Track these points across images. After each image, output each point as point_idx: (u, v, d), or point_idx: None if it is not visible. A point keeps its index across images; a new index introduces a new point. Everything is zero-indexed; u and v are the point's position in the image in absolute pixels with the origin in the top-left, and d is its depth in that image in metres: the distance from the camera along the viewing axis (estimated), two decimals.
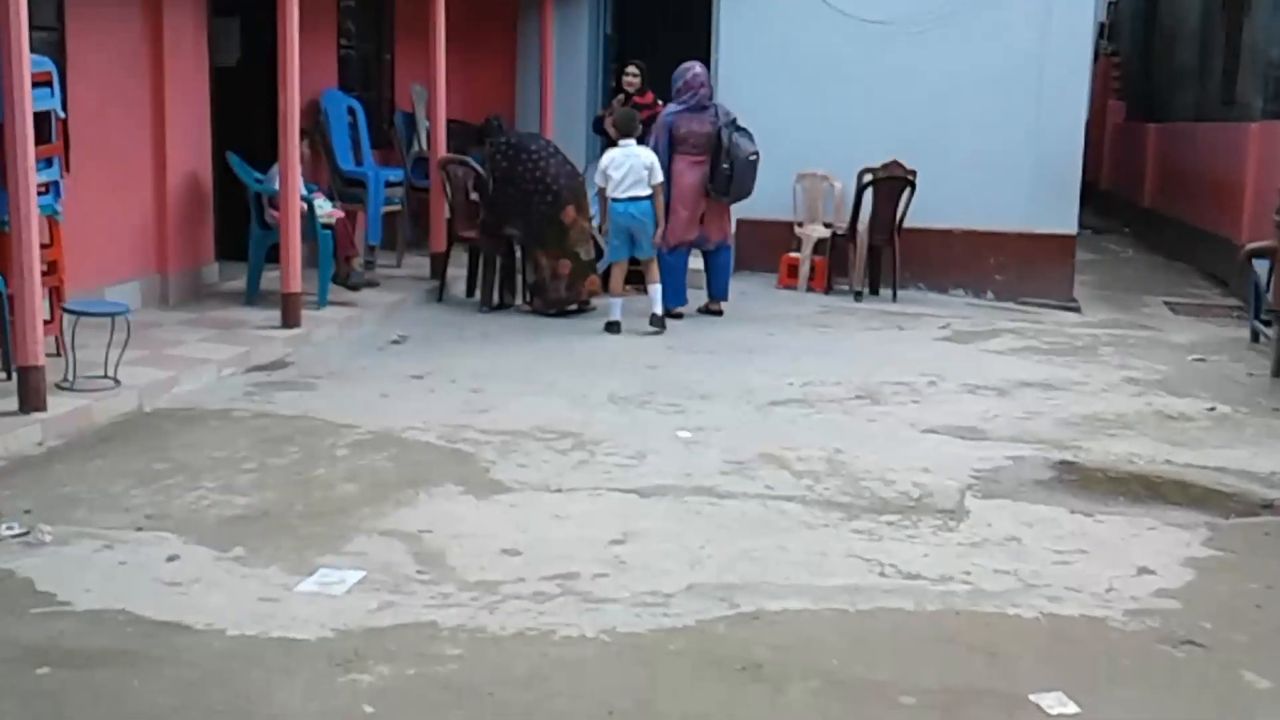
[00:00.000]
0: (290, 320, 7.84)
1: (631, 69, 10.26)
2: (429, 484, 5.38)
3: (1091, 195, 15.46)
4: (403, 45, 11.15)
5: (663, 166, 8.98)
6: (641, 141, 9.07)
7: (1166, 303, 11.74)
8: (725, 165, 9.10)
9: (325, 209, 8.63)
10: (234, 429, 6.10)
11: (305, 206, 8.39)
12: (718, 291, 9.56)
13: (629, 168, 8.81)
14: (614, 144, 9.12)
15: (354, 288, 8.70)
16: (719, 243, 9.51)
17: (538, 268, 9.45)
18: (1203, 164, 14.06)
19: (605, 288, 9.07)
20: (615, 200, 8.84)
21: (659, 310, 9.02)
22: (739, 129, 9.23)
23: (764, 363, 7.99)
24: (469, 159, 9.85)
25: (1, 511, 4.76)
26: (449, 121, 11.38)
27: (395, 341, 8.18)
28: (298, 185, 7.79)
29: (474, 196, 9.90)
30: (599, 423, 6.45)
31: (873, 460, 5.92)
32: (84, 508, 4.90)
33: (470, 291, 9.70)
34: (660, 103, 10.20)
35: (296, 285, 7.83)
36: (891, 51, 11.14)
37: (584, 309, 9.57)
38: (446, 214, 9.72)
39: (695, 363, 7.96)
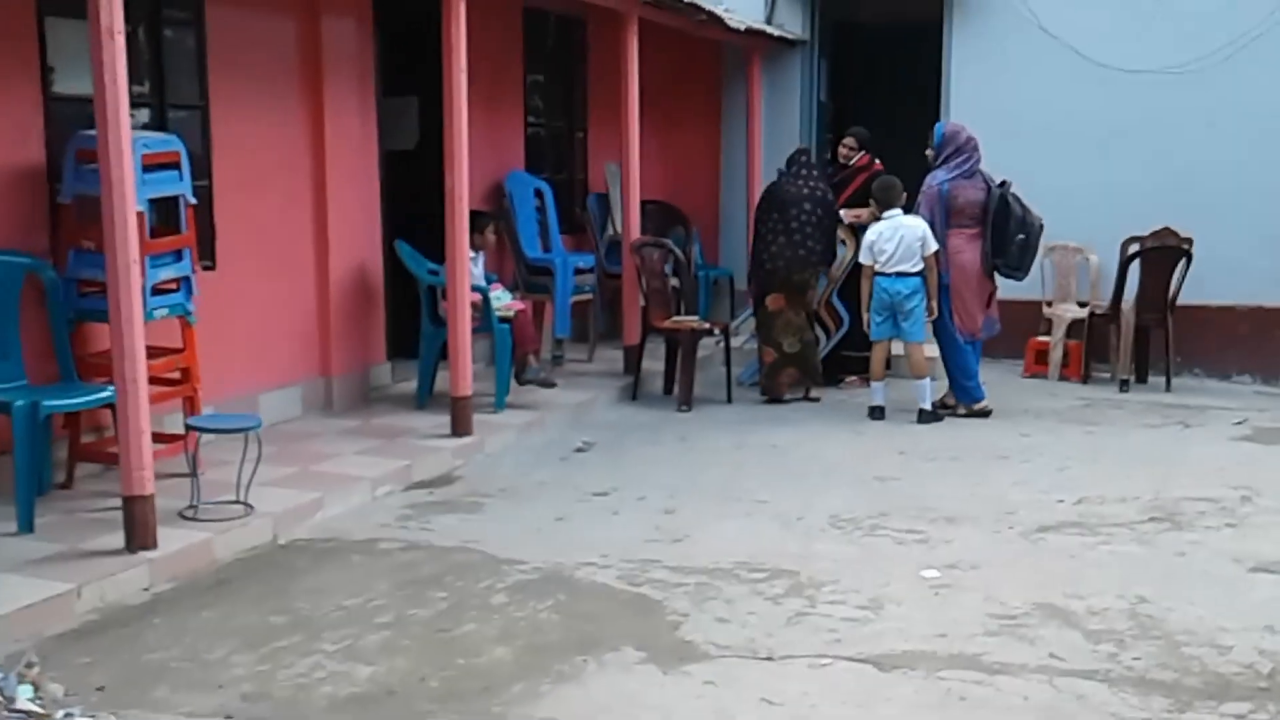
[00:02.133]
0: (460, 428, 6.85)
1: (848, 140, 9.04)
2: (601, 647, 4.18)
3: None
4: (596, 121, 10.26)
5: (941, 241, 7.80)
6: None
7: None
8: (1022, 236, 7.80)
9: (503, 300, 7.67)
10: (376, 566, 5.07)
11: (480, 298, 7.47)
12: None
13: (899, 240, 7.70)
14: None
15: (529, 384, 7.68)
16: (998, 325, 8.18)
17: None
18: None
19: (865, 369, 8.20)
20: (880, 275, 7.75)
21: (928, 404, 7.72)
22: (1014, 194, 7.89)
23: (1022, 472, 6.52)
24: (665, 240, 8.79)
25: (71, 688, 3.80)
26: (646, 201, 10.43)
27: (579, 449, 7.08)
28: (466, 275, 6.84)
29: (673, 282, 8.85)
30: (820, 556, 5.15)
31: (1193, 615, 4.41)
32: (169, 682, 3.90)
33: (668, 388, 8.57)
34: (877, 162, 8.93)
35: (467, 388, 6.86)
36: (1154, 103, 9.59)
37: (809, 400, 8.35)
38: (641, 302, 8.65)
39: (936, 472, 6.56)
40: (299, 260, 7.24)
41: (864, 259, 7.85)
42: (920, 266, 7.69)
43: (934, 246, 7.67)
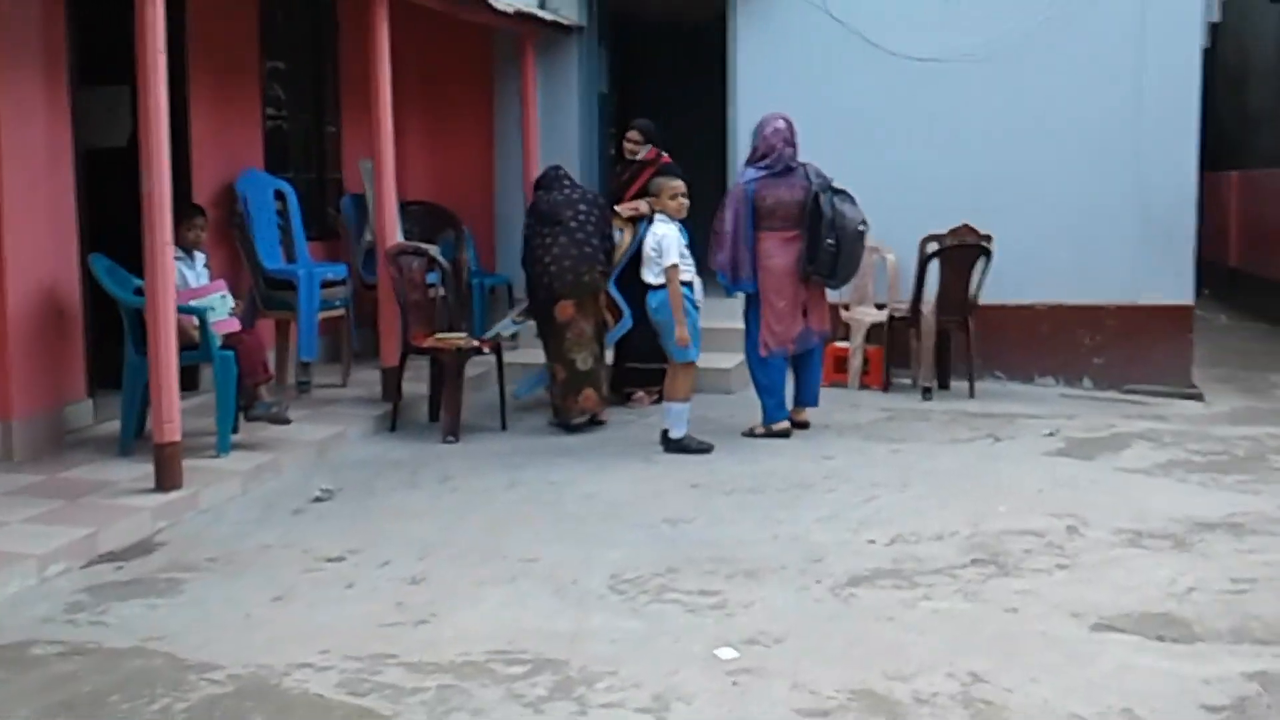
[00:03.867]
0: (167, 481, 5.65)
1: (633, 133, 8.16)
2: None
3: None
4: (351, 114, 9.11)
5: (747, 246, 7.00)
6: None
7: None
8: (830, 240, 7.00)
9: (219, 308, 6.44)
10: (20, 683, 3.88)
11: (196, 321, 6.27)
12: (808, 397, 7.42)
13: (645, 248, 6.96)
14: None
15: (258, 420, 6.52)
16: (820, 336, 7.41)
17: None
18: None
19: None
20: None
21: (674, 433, 6.85)
22: (837, 192, 7.11)
23: (828, 504, 5.76)
24: (425, 246, 7.73)
25: None
26: (410, 203, 9.37)
27: (318, 498, 5.97)
28: (169, 293, 5.63)
29: (436, 294, 7.80)
30: (596, 635, 4.22)
31: (1038, 696, 3.66)
32: None
33: (434, 415, 7.53)
34: (665, 155, 8.10)
35: (174, 430, 5.65)
36: (950, 95, 9.07)
37: (596, 424, 7.45)
38: (400, 318, 7.56)
39: (733, 509, 5.73)
40: None
41: (673, 256, 6.77)
42: (662, 279, 6.81)
43: (671, 258, 6.74)
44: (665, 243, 6.76)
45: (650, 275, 6.85)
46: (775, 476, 6.27)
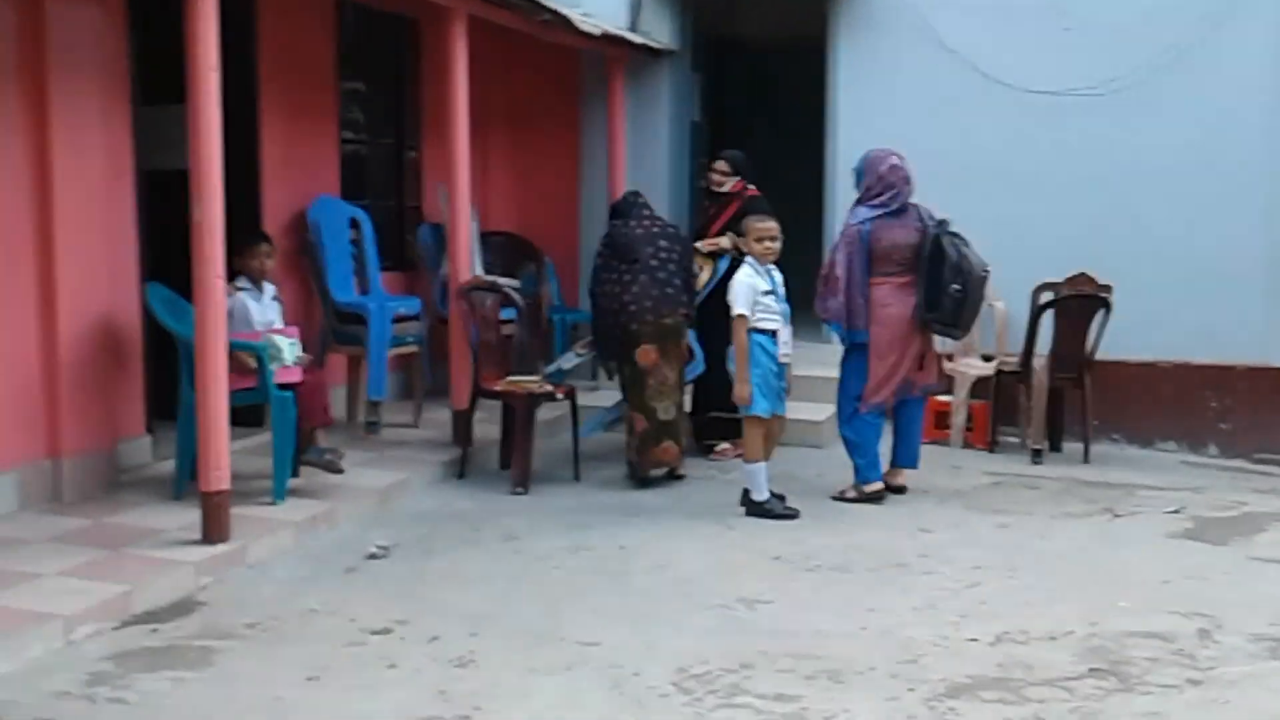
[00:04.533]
0: (214, 532, 5.30)
1: (720, 164, 7.67)
2: None
3: None
4: (432, 140, 8.77)
5: (861, 293, 6.48)
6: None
7: None
8: (957, 286, 6.44)
9: (288, 354, 6.12)
10: None
11: (256, 360, 5.93)
12: (907, 458, 6.85)
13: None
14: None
15: (311, 466, 6.17)
16: (925, 390, 6.88)
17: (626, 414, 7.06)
18: None
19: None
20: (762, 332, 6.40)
21: (756, 495, 6.35)
22: (952, 234, 6.58)
23: (924, 589, 5.19)
24: (500, 281, 7.33)
25: None
26: (492, 233, 9.03)
27: (373, 555, 5.58)
28: (220, 328, 5.29)
29: (509, 332, 7.40)
30: None
31: None
32: None
33: (505, 463, 7.11)
34: (752, 188, 7.60)
35: (223, 478, 5.31)
36: (1068, 133, 8.46)
37: (674, 478, 6.98)
38: (472, 358, 7.16)
39: (816, 590, 5.20)
40: (8, 312, 5.62)
41: (741, 306, 6.32)
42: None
43: (739, 308, 6.22)
44: (736, 290, 6.28)
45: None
46: (865, 552, 5.72)
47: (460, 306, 7.09)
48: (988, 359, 8.42)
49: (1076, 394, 7.94)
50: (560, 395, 6.95)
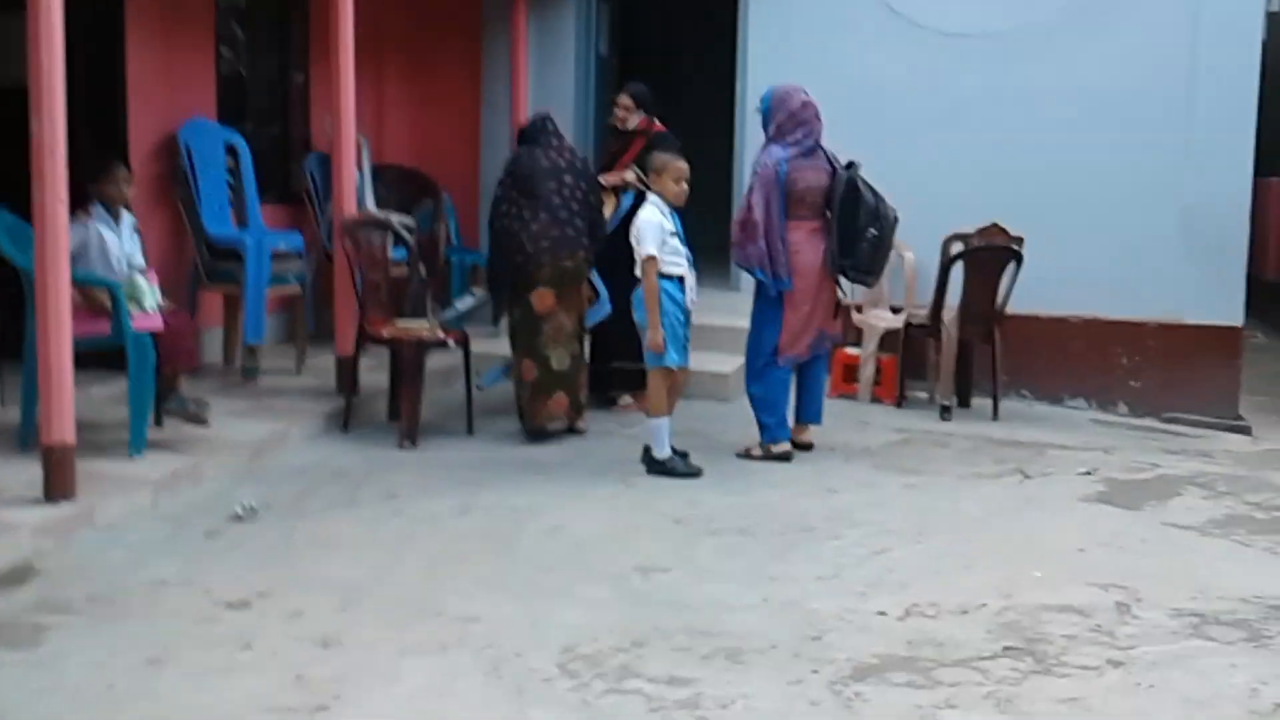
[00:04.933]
0: (57, 490, 4.79)
1: (624, 98, 7.22)
2: None
3: None
4: (323, 64, 8.16)
5: (781, 238, 6.10)
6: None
7: None
8: (874, 231, 6.17)
9: (148, 299, 5.59)
10: None
11: (110, 298, 5.39)
12: (813, 413, 6.55)
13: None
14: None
15: (172, 416, 5.68)
16: (834, 341, 6.61)
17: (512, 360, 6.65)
18: None
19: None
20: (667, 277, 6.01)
21: (657, 453, 6.00)
22: (862, 178, 6.26)
23: (830, 556, 4.89)
24: (388, 217, 6.84)
25: None
26: (386, 166, 8.50)
27: (239, 516, 5.12)
28: (61, 260, 4.73)
29: (399, 273, 6.93)
30: None
31: None
32: None
33: (394, 413, 6.67)
34: (658, 123, 7.17)
35: (67, 430, 4.79)
36: (981, 77, 8.19)
37: (573, 432, 6.60)
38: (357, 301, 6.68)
39: (718, 557, 4.88)
40: None
41: (650, 246, 5.92)
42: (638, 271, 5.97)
43: (648, 249, 5.83)
44: (643, 230, 5.88)
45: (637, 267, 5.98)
46: (770, 514, 5.41)
47: (345, 244, 6.59)
48: (896, 311, 8.17)
49: (986, 349, 7.72)
50: (453, 342, 6.51)
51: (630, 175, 6.88)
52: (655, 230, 5.86)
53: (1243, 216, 7.82)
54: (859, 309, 8.16)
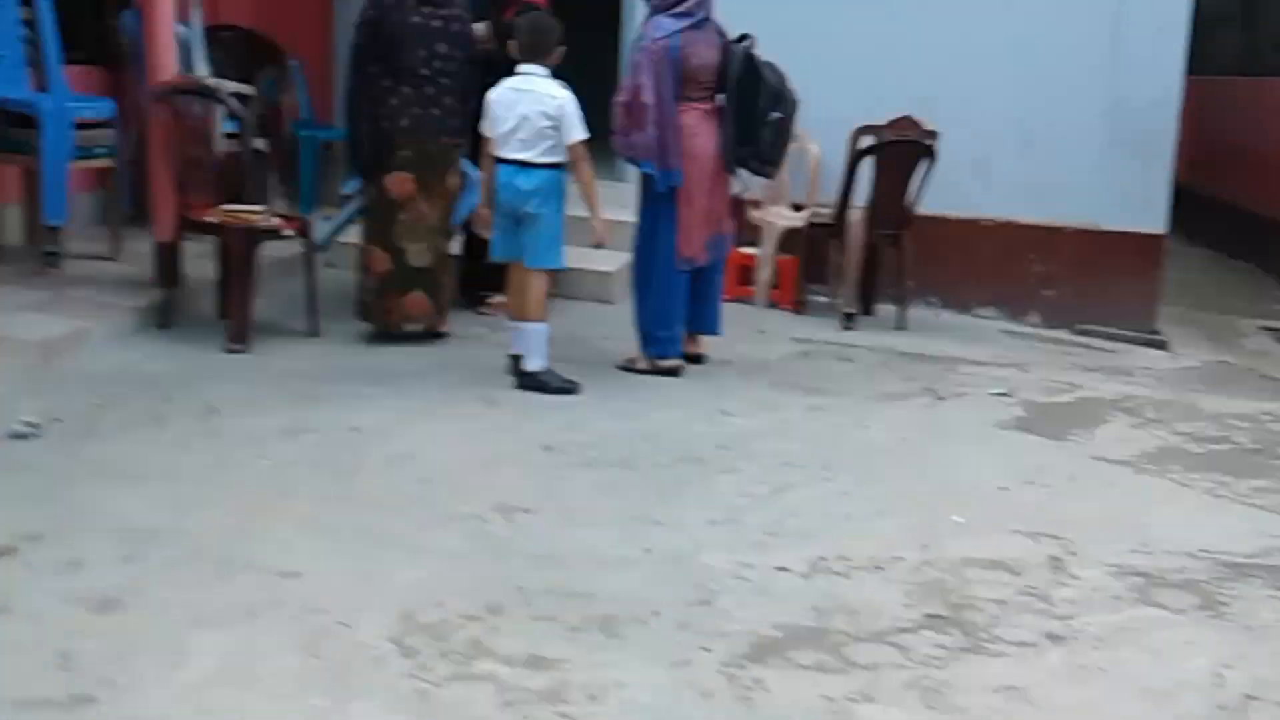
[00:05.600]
0: None
1: None
2: None
3: None
4: None
5: (673, 123, 5.32)
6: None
7: (1265, 328, 8.28)
8: (778, 114, 5.40)
9: None
10: None
11: None
12: (708, 322, 5.81)
13: (522, 114, 5.10)
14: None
15: None
16: (730, 242, 5.87)
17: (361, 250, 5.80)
18: (1267, 132, 10.49)
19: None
20: (499, 161, 5.17)
21: (530, 364, 5.24)
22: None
23: (724, 495, 4.21)
24: (211, 84, 5.84)
25: None
26: (220, 27, 7.43)
27: (17, 434, 4.23)
28: None
29: (224, 148, 5.96)
30: None
31: None
32: None
33: (225, 311, 5.75)
34: None
35: None
36: None
37: (435, 335, 5.80)
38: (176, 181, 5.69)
39: (593, 494, 4.16)
40: None
41: (483, 129, 5.24)
42: (552, 157, 5.16)
43: (579, 133, 5.13)
44: (571, 110, 5.10)
45: (528, 149, 5.13)
46: (655, 441, 4.70)
47: (160, 113, 5.58)
48: (798, 209, 7.46)
49: (893, 253, 7.09)
50: (289, 231, 5.59)
51: (483, 29, 5.93)
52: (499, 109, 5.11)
53: (1171, 116, 7.23)
54: (756, 205, 7.43)
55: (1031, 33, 7.30)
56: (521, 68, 5.20)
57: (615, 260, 6.77)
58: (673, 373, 5.59)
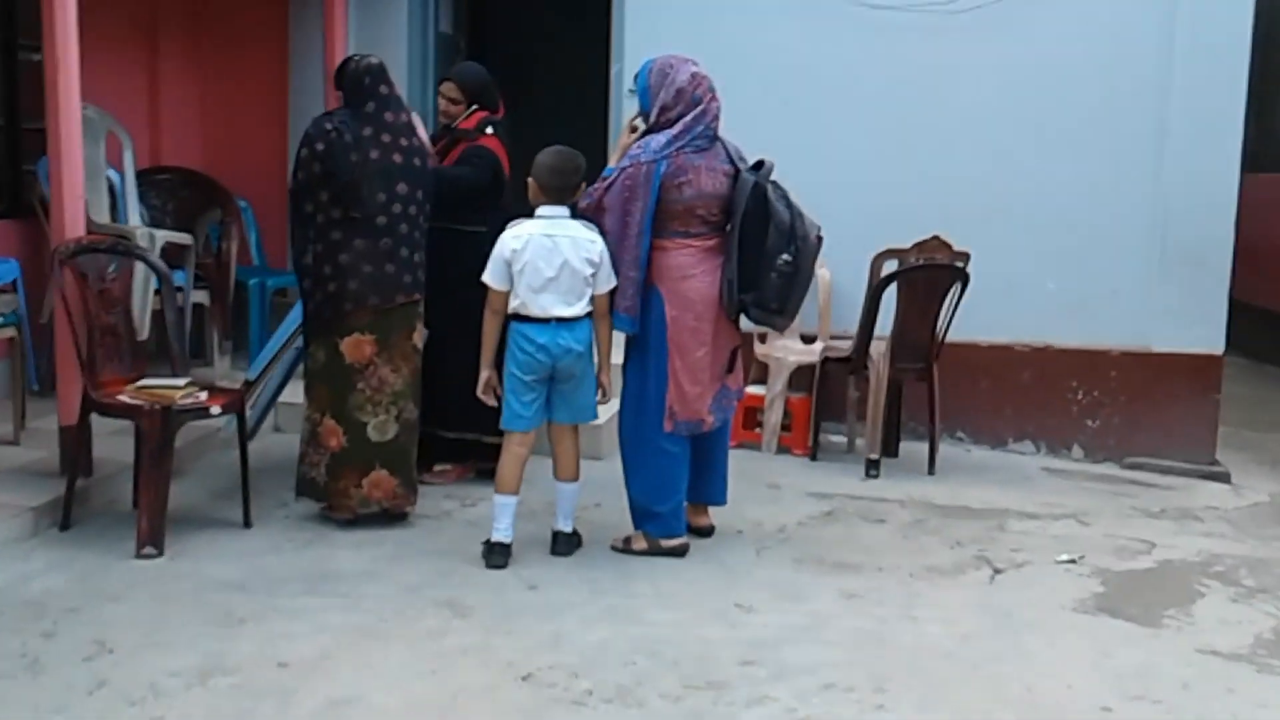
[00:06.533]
0: None
1: (448, 86, 5.48)
2: None
3: None
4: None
5: (638, 262, 4.53)
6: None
7: None
8: (787, 258, 4.53)
9: None
10: None
11: None
12: (714, 491, 4.93)
13: (563, 261, 4.38)
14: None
15: None
16: (739, 397, 4.96)
17: (304, 416, 4.91)
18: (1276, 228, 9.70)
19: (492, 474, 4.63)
20: (527, 320, 4.40)
21: (567, 526, 4.56)
22: (775, 183, 4.63)
23: None
24: (128, 241, 5.04)
25: None
26: (160, 170, 6.75)
27: None
28: None
29: (141, 315, 5.14)
30: None
31: None
32: None
33: (138, 499, 4.85)
34: (490, 130, 5.48)
35: None
36: (917, 60, 6.66)
37: (394, 517, 4.91)
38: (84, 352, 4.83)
39: None
40: None
41: (494, 281, 4.44)
42: (588, 308, 4.46)
43: (613, 281, 4.46)
44: (609, 255, 4.47)
45: (571, 303, 4.42)
46: (662, 657, 3.77)
47: (64, 276, 4.74)
48: (808, 340, 6.64)
49: (920, 386, 6.25)
50: (216, 409, 4.71)
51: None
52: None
53: (1227, 222, 6.43)
54: (762, 339, 6.60)
55: (1068, 136, 6.56)
56: (545, 210, 4.47)
57: (604, 409, 5.90)
58: (677, 553, 4.68)
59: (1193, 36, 6.33)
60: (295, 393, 5.25)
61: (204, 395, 4.68)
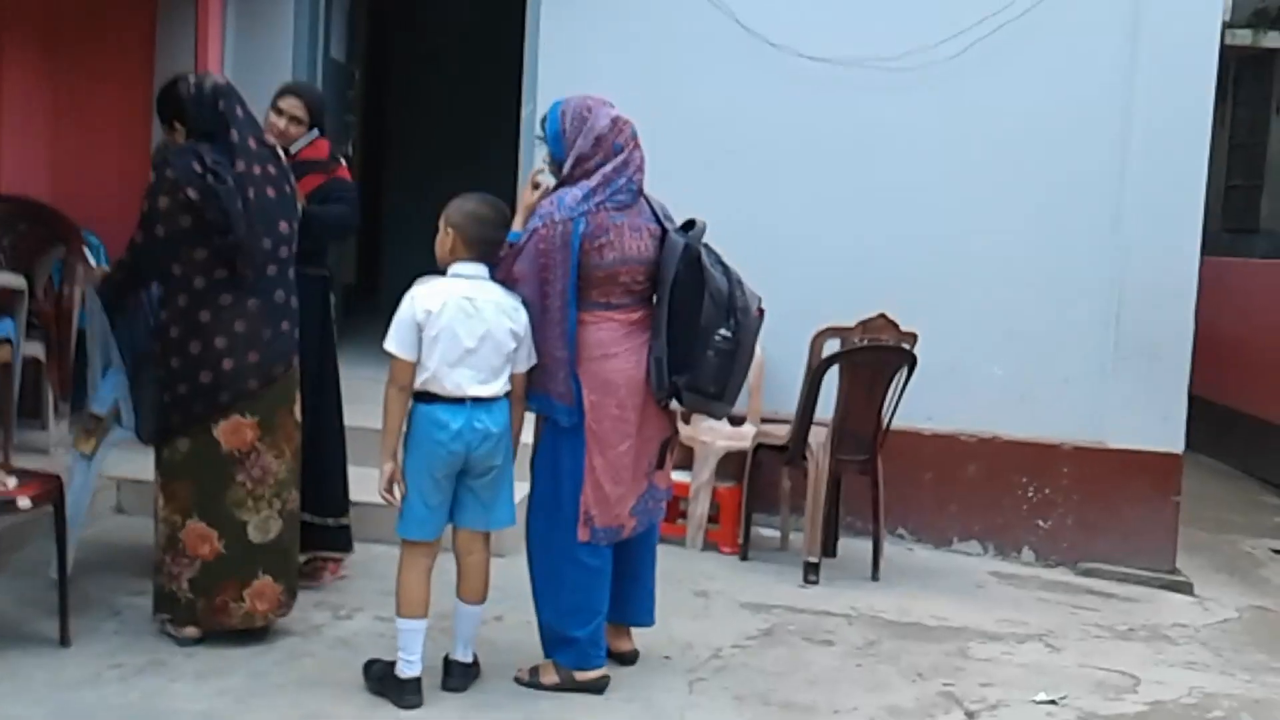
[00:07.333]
0: None
1: (287, 100, 4.57)
2: None
3: None
4: None
5: (565, 338, 3.77)
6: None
7: (1277, 551, 7.00)
8: (725, 333, 3.80)
9: None
10: None
11: None
12: (640, 611, 4.14)
13: (485, 331, 3.63)
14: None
15: None
16: (667, 498, 4.16)
17: (157, 518, 4.01)
18: (1230, 317, 9.33)
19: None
20: (435, 400, 3.61)
21: (466, 655, 3.78)
22: (707, 246, 3.91)
23: None
24: None
25: None
26: None
27: None
28: None
29: None
30: None
31: None
32: None
33: None
34: (343, 162, 4.72)
35: None
36: (860, 118, 6.07)
37: (252, 632, 4.05)
38: None
39: None
40: None
41: (401, 349, 3.62)
42: (506, 387, 3.72)
43: (533, 358, 3.75)
44: (526, 326, 3.77)
45: (490, 380, 3.69)
46: None
47: None
48: (737, 422, 5.93)
49: (862, 480, 5.59)
50: (25, 500, 3.78)
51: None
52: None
53: (1187, 310, 5.93)
54: (686, 419, 5.86)
55: (1016, 209, 6.03)
56: (463, 268, 3.69)
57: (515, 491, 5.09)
58: (595, 688, 3.88)
59: (1149, 113, 5.85)
60: (145, 467, 4.31)
61: (12, 482, 3.76)
